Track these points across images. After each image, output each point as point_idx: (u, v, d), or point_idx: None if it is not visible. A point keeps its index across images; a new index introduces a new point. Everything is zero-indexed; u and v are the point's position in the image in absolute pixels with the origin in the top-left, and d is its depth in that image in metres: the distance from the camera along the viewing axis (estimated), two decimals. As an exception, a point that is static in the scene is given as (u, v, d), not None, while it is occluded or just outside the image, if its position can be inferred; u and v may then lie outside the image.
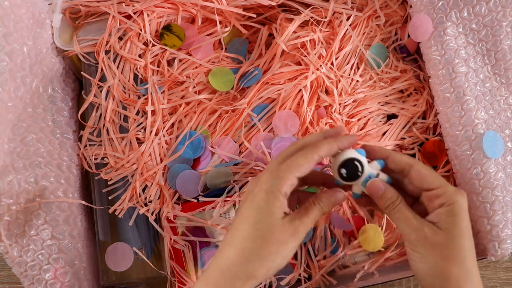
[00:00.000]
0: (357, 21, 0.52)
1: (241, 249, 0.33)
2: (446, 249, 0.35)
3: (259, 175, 0.36)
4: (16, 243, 0.43)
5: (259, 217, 0.33)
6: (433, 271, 0.35)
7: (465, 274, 0.34)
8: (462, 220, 0.35)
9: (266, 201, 0.33)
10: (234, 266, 0.33)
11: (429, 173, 0.37)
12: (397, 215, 0.36)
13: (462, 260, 0.35)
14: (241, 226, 0.34)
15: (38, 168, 0.44)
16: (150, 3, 0.49)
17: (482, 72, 0.48)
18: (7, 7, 0.40)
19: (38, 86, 0.46)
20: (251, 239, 0.33)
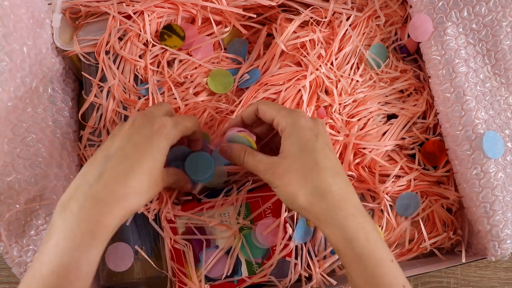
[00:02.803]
0: (357, 21, 0.52)
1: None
2: (290, 173, 0.37)
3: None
4: (16, 243, 0.43)
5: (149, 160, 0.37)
6: (287, 198, 0.38)
7: (308, 191, 0.36)
8: (295, 137, 0.38)
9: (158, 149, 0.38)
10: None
11: (267, 107, 0.41)
12: (248, 164, 0.40)
13: (303, 177, 0.36)
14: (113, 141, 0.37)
15: (38, 168, 0.44)
16: (150, 3, 0.49)
17: (482, 72, 0.48)
18: (7, 7, 0.40)
19: (38, 86, 0.46)
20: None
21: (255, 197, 0.48)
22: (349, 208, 0.36)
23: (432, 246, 0.52)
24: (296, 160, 0.37)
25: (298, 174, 0.36)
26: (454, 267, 0.58)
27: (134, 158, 0.35)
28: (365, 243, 0.35)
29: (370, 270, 0.34)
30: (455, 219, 0.53)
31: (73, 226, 0.33)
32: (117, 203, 0.34)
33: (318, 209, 0.36)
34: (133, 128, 0.37)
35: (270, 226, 0.47)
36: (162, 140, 0.37)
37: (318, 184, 0.36)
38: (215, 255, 0.47)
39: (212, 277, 0.47)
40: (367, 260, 0.34)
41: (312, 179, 0.36)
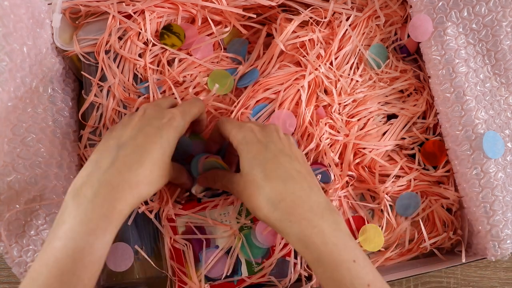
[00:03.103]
0: (357, 21, 0.52)
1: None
2: (245, 187, 0.38)
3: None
4: (16, 243, 0.43)
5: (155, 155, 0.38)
6: (251, 211, 0.39)
7: (262, 200, 0.37)
8: (242, 156, 0.39)
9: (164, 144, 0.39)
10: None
11: (223, 126, 0.42)
12: (221, 184, 0.42)
13: (257, 191, 0.37)
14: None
15: (38, 168, 0.44)
16: (150, 3, 0.49)
17: (482, 72, 0.48)
18: (7, 7, 0.40)
19: (38, 86, 0.46)
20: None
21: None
22: (303, 212, 0.35)
23: (432, 246, 0.52)
24: (248, 175, 0.38)
25: (253, 189, 0.37)
26: (454, 267, 0.58)
27: (145, 148, 0.36)
28: (321, 247, 0.34)
29: (329, 273, 0.34)
30: (455, 219, 0.53)
31: (88, 211, 0.33)
32: (130, 190, 0.35)
33: (274, 220, 0.36)
34: (144, 119, 0.39)
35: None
36: (172, 132, 0.39)
37: (270, 196, 0.36)
38: (215, 255, 0.47)
39: (212, 277, 0.48)
40: (325, 264, 0.34)
41: (264, 191, 0.36)
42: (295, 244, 0.35)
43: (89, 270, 0.32)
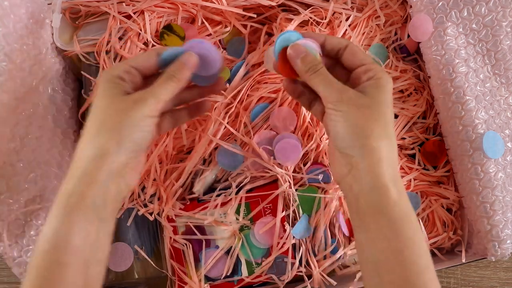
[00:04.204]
0: (357, 21, 0.52)
1: (87, 133, 0.34)
2: (370, 110, 0.34)
3: None
4: (16, 243, 0.43)
5: (98, 102, 0.35)
6: (354, 129, 0.34)
7: (386, 134, 0.34)
8: (387, 92, 0.35)
9: (106, 88, 0.35)
10: (83, 150, 0.33)
11: (361, 51, 0.37)
12: (319, 78, 0.36)
13: (385, 123, 0.34)
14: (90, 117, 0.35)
15: (38, 168, 0.44)
16: (150, 3, 0.49)
17: (482, 72, 0.48)
18: (7, 7, 0.40)
19: (38, 86, 0.46)
20: (92, 120, 0.35)
21: (255, 196, 0.48)
22: (387, 169, 0.33)
23: (432, 246, 0.52)
24: (381, 105, 0.34)
25: (375, 114, 0.34)
26: (454, 267, 0.58)
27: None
28: (396, 196, 0.33)
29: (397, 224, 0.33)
30: (455, 219, 0.53)
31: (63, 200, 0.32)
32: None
33: (379, 156, 0.33)
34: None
35: (267, 224, 0.47)
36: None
37: (389, 134, 0.34)
38: (215, 255, 0.47)
39: (212, 276, 0.48)
40: (398, 225, 0.33)
41: (387, 126, 0.34)
42: (369, 195, 0.33)
43: (74, 260, 0.31)
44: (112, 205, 0.34)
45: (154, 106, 0.34)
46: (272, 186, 0.48)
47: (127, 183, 0.34)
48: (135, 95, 0.34)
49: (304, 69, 0.36)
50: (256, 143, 0.49)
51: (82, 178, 0.32)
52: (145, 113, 0.33)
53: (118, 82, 0.35)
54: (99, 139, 0.33)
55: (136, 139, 0.34)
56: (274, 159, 0.48)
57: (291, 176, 0.48)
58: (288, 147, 0.48)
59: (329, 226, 0.49)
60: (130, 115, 0.33)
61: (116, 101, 0.34)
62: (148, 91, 0.34)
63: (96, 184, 0.32)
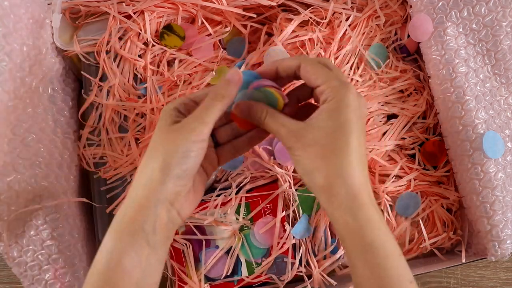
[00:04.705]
0: (357, 21, 0.52)
1: (141, 163, 0.34)
2: (323, 144, 0.33)
3: None
4: (16, 243, 0.43)
5: (154, 135, 0.35)
6: (312, 167, 0.34)
7: (348, 164, 0.33)
8: (329, 113, 0.33)
9: (160, 120, 0.35)
10: (136, 178, 0.34)
11: (313, 68, 0.35)
12: (271, 120, 0.35)
13: (344, 153, 0.33)
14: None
15: (38, 168, 0.44)
16: (150, 3, 0.49)
17: (482, 72, 0.48)
18: (7, 7, 0.40)
19: (38, 86, 0.46)
20: (147, 151, 0.35)
21: (255, 196, 0.48)
22: (365, 197, 0.34)
23: (432, 246, 0.52)
24: (328, 135, 0.33)
25: (325, 150, 0.33)
26: (454, 267, 0.58)
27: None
28: (377, 231, 0.33)
29: (378, 260, 0.33)
30: (455, 219, 0.53)
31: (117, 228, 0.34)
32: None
33: (336, 193, 0.33)
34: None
35: (267, 224, 0.47)
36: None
37: (345, 167, 0.33)
38: (215, 255, 0.47)
39: (212, 277, 0.48)
40: (377, 250, 0.33)
41: (340, 160, 0.33)
42: (347, 224, 0.33)
43: (125, 282, 0.32)
44: (163, 233, 0.34)
45: (199, 130, 0.33)
46: (272, 186, 0.48)
47: (179, 212, 0.35)
48: (182, 122, 0.34)
49: (256, 122, 0.36)
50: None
51: (133, 204, 0.33)
52: (190, 139, 0.33)
53: (173, 113, 0.35)
54: (147, 168, 0.34)
55: (181, 166, 0.33)
56: (274, 159, 0.48)
57: (291, 176, 0.48)
58: (288, 147, 0.48)
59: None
60: (176, 143, 0.33)
61: (165, 131, 0.34)
62: (193, 116, 0.34)
63: (145, 210, 0.33)
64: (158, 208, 0.33)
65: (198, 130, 0.33)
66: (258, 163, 0.49)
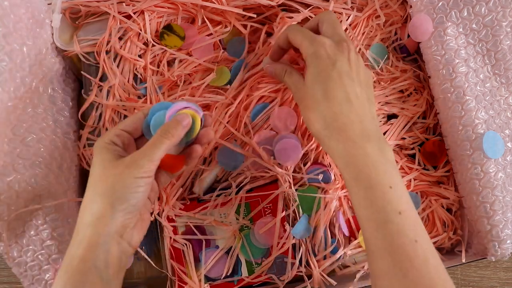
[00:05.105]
0: (357, 21, 0.52)
1: (84, 201, 0.36)
2: (303, 98, 0.40)
3: None
4: (16, 243, 0.43)
5: (93, 170, 0.36)
6: (304, 120, 0.41)
7: (317, 117, 0.38)
8: (309, 68, 0.39)
9: (98, 155, 0.36)
10: (81, 217, 0.35)
11: (294, 36, 0.41)
12: (288, 78, 0.43)
13: (314, 106, 0.39)
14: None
15: (38, 168, 0.44)
16: (150, 3, 0.49)
17: (482, 72, 0.48)
18: (7, 7, 0.40)
19: (38, 86, 0.46)
20: (88, 188, 0.36)
21: (255, 196, 0.48)
22: (352, 135, 0.37)
23: (432, 246, 0.52)
24: (310, 88, 0.39)
25: (312, 101, 0.39)
26: (454, 267, 0.58)
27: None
28: (360, 167, 0.36)
29: (362, 193, 0.36)
30: (455, 219, 0.53)
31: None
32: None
33: (323, 136, 0.38)
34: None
35: (267, 224, 0.47)
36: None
37: (324, 113, 0.38)
38: (215, 255, 0.47)
39: (212, 277, 0.48)
40: (361, 184, 0.36)
41: (320, 108, 0.38)
42: (337, 160, 0.38)
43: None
44: (116, 266, 0.35)
45: (147, 167, 0.35)
46: (272, 186, 0.48)
47: (129, 242, 0.36)
48: (128, 159, 0.35)
49: (279, 79, 0.45)
50: (256, 143, 0.49)
51: (82, 242, 0.34)
52: (137, 175, 0.35)
53: (110, 148, 0.36)
54: (94, 204, 0.34)
55: (130, 201, 0.35)
56: (274, 159, 0.48)
57: (291, 176, 0.48)
58: (288, 147, 0.48)
59: (329, 226, 0.49)
60: (124, 179, 0.34)
61: (109, 167, 0.35)
62: (140, 152, 0.35)
63: (96, 248, 0.33)
64: (109, 244, 0.34)
65: (146, 167, 0.35)
66: (258, 163, 0.49)
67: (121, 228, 0.35)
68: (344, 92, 0.38)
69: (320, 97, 0.38)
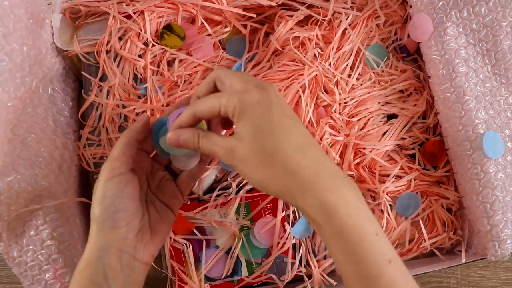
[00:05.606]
0: (357, 21, 0.52)
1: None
2: (245, 159, 0.33)
3: None
4: (16, 243, 0.43)
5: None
6: (257, 177, 0.33)
7: (275, 175, 0.32)
8: (241, 122, 0.33)
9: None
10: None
11: (207, 106, 0.34)
12: (206, 143, 0.35)
13: (268, 163, 0.32)
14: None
15: (38, 168, 0.44)
16: (150, 3, 0.49)
17: (482, 72, 0.48)
18: (7, 7, 0.40)
19: (38, 86, 0.46)
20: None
21: (255, 196, 0.48)
22: (325, 180, 0.32)
23: (432, 246, 0.52)
24: (253, 143, 0.32)
25: (261, 158, 0.32)
26: (454, 267, 0.58)
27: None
28: (345, 217, 0.31)
29: (351, 247, 0.31)
30: (455, 219, 0.53)
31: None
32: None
33: (293, 189, 0.32)
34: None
35: (267, 224, 0.47)
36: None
37: (286, 165, 0.32)
38: (215, 255, 0.47)
39: (212, 277, 0.48)
40: (348, 236, 0.31)
41: (278, 161, 0.32)
42: (316, 215, 0.32)
43: None
44: (119, 280, 0.34)
45: (107, 167, 0.35)
46: (272, 186, 0.48)
47: (134, 256, 0.35)
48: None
49: (192, 149, 0.36)
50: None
51: (83, 257, 0.34)
52: (101, 181, 0.34)
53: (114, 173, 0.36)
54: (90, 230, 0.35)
55: (108, 207, 0.34)
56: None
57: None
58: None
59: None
60: (97, 188, 0.35)
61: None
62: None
63: (91, 263, 0.34)
64: (104, 258, 0.33)
65: (106, 170, 0.35)
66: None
67: (116, 241, 0.34)
68: (294, 136, 0.33)
69: (271, 151, 0.32)
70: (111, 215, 0.34)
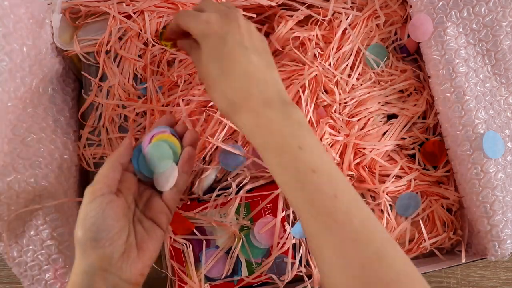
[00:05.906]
0: (357, 21, 0.52)
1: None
2: (204, 79, 0.38)
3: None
4: (16, 243, 0.43)
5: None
6: (212, 100, 0.39)
7: (219, 96, 0.37)
8: (201, 49, 0.38)
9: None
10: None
11: (181, 18, 0.39)
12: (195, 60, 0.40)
13: (215, 85, 0.37)
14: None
15: (38, 168, 0.44)
16: (150, 3, 0.49)
17: (482, 72, 0.48)
18: (7, 7, 0.40)
19: (38, 86, 0.46)
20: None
21: (255, 196, 0.48)
22: (253, 105, 0.35)
23: (432, 246, 0.52)
24: (206, 67, 0.37)
25: (211, 81, 0.37)
26: (454, 267, 0.58)
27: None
28: (267, 134, 0.35)
29: (275, 160, 0.35)
30: (455, 219, 0.53)
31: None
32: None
33: (229, 114, 0.37)
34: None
35: (267, 224, 0.47)
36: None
37: (225, 92, 0.36)
38: (215, 255, 0.47)
39: (212, 277, 0.48)
40: (271, 150, 0.35)
41: (220, 87, 0.36)
42: (247, 134, 0.36)
43: None
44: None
45: (91, 190, 0.36)
46: (272, 186, 0.48)
47: (120, 276, 0.35)
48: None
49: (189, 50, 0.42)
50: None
51: (68, 284, 0.35)
52: (85, 203, 0.35)
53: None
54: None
55: (91, 228, 0.34)
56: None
57: (291, 176, 0.48)
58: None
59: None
60: (81, 211, 0.35)
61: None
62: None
63: (76, 285, 0.34)
64: (88, 280, 0.34)
65: (88, 193, 0.36)
66: (258, 163, 0.49)
67: (100, 262, 0.34)
68: (240, 66, 0.36)
69: (217, 76, 0.36)
70: (93, 236, 0.34)
